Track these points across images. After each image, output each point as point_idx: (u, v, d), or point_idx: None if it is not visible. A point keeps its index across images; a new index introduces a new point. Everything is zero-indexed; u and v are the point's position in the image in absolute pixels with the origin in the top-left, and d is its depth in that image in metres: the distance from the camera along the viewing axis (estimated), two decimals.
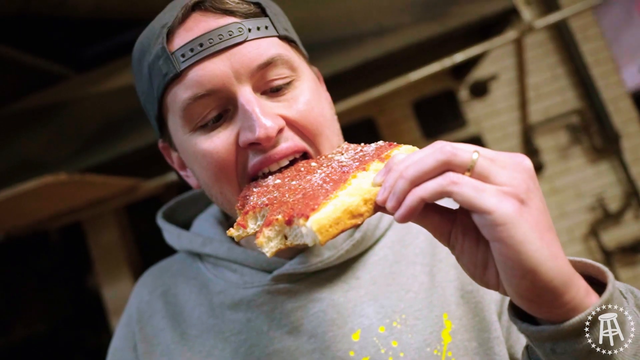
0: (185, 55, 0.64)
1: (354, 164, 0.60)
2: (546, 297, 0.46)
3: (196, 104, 0.64)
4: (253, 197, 0.62)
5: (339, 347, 0.72)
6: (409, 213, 0.47)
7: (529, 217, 0.46)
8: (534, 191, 0.47)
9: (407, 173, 0.48)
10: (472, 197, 0.45)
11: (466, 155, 0.47)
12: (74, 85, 2.59)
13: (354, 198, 0.52)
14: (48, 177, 1.90)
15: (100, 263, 3.34)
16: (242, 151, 0.66)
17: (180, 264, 0.88)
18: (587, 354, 0.48)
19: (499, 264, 0.47)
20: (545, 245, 0.45)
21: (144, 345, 0.80)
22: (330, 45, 2.34)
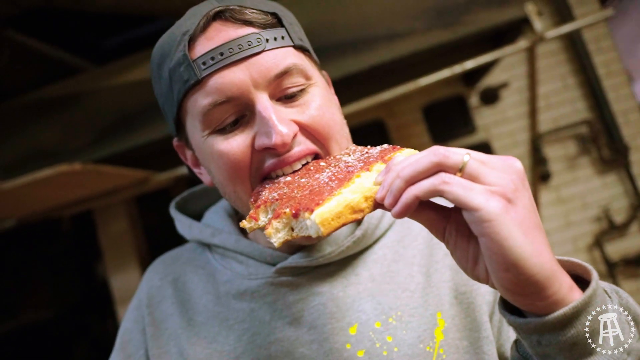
0: (206, 63, 0.67)
1: (359, 165, 0.64)
2: (529, 289, 0.50)
3: (216, 110, 0.68)
4: (265, 192, 0.66)
5: (336, 339, 0.75)
6: (404, 209, 0.51)
7: (515, 215, 0.49)
8: (521, 191, 0.51)
9: (403, 173, 0.52)
10: (461, 195, 0.49)
11: (457, 157, 0.51)
12: (92, 78, 2.64)
13: (355, 195, 0.56)
14: (63, 166, 1.95)
15: (109, 252, 3.41)
16: (257, 153, 0.70)
17: (190, 253, 0.92)
18: (571, 346, 0.51)
19: (486, 258, 0.51)
20: (529, 241, 0.49)
21: (153, 328, 0.85)
22: (344, 48, 2.38)
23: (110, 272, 3.40)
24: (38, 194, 2.28)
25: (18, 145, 2.62)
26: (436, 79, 2.43)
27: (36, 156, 2.57)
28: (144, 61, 2.54)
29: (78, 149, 2.56)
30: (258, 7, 0.72)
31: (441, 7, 2.31)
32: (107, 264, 3.42)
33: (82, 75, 2.69)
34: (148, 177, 2.60)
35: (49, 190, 2.25)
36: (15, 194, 2.11)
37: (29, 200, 2.37)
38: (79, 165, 2.00)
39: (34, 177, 1.97)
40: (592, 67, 3.38)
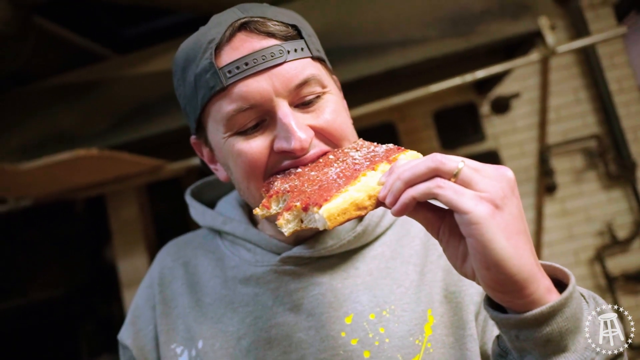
0: (231, 72, 0.73)
1: (365, 163, 0.68)
2: (509, 288, 0.55)
3: (239, 116, 0.74)
4: (277, 183, 0.72)
5: (332, 327, 0.81)
6: (402, 208, 0.57)
7: (501, 220, 0.54)
8: (510, 198, 0.56)
9: (403, 176, 0.57)
10: (452, 199, 0.54)
11: (453, 164, 0.56)
12: (113, 66, 2.72)
13: (360, 193, 0.62)
14: (81, 151, 2.03)
15: (118, 236, 3.49)
16: (274, 155, 0.75)
17: (202, 238, 0.98)
18: (545, 342, 0.57)
19: (472, 256, 0.56)
20: (511, 245, 0.54)
21: (162, 306, 0.91)
22: (358, 51, 2.43)
23: (118, 256, 3.48)
24: (55, 176, 2.35)
25: (38, 127, 2.71)
26: (447, 87, 2.47)
27: (55, 139, 2.65)
28: (163, 53, 2.61)
29: (95, 134, 2.64)
30: (279, 18, 0.77)
31: (456, 16, 2.35)
32: (115, 248, 3.50)
33: (103, 64, 2.77)
34: (161, 166, 2.66)
35: (66, 173, 2.32)
36: (34, 174, 2.19)
37: (45, 182, 2.45)
38: (95, 150, 2.07)
39: (53, 159, 2.04)
40: (604, 82, 3.40)
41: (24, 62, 2.39)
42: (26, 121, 2.72)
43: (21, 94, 2.77)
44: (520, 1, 2.31)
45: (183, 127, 2.51)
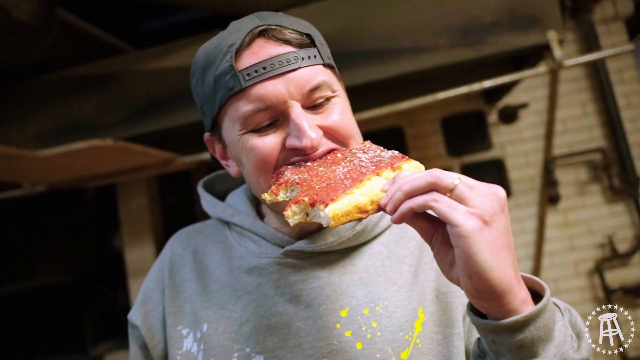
0: (250, 75, 0.79)
1: (371, 167, 0.73)
2: (488, 296, 0.61)
3: (255, 115, 0.80)
4: (287, 173, 0.78)
5: (328, 318, 0.86)
6: (400, 217, 0.63)
7: (487, 235, 0.59)
8: (498, 216, 0.61)
9: (404, 187, 0.63)
10: (445, 212, 0.60)
11: (449, 180, 0.61)
12: (130, 60, 2.79)
13: (364, 197, 0.66)
14: (97, 141, 2.10)
15: (127, 226, 3.56)
16: (284, 151, 0.81)
17: (211, 228, 1.04)
18: (518, 347, 0.62)
19: (457, 265, 0.62)
20: (494, 258, 0.59)
21: (171, 290, 0.97)
22: (369, 56, 2.49)
23: (126, 244, 3.55)
24: (70, 164, 2.43)
25: (55, 116, 2.78)
26: (454, 94, 2.52)
27: (71, 128, 2.73)
28: (178, 49, 2.67)
29: (110, 125, 2.71)
30: (294, 27, 0.83)
31: (466, 26, 2.40)
32: (123, 237, 3.58)
33: (120, 57, 2.84)
34: (172, 159, 2.73)
35: (81, 161, 2.39)
36: (50, 161, 2.26)
37: (61, 169, 2.52)
38: (111, 141, 2.14)
39: (70, 148, 2.12)
40: (612, 97, 3.43)
41: (44, 52, 2.46)
42: (44, 109, 2.80)
43: (40, 82, 2.84)
44: (529, 14, 2.36)
45: (195, 122, 2.58)
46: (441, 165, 3.59)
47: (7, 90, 2.86)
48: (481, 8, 2.39)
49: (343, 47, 2.46)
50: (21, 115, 2.81)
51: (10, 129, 2.78)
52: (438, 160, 3.69)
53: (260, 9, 2.47)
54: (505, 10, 2.38)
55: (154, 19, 3.54)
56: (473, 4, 2.40)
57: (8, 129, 2.79)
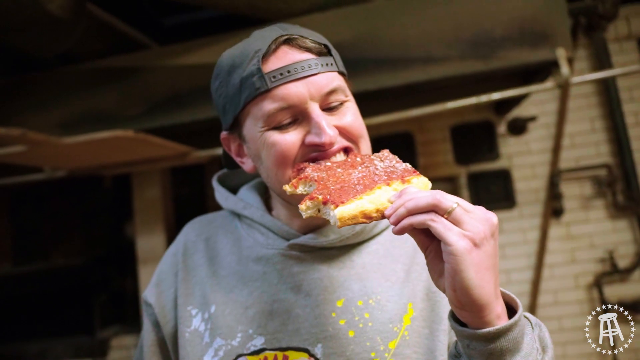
0: (275, 77, 0.87)
1: (383, 177, 0.79)
2: (467, 308, 0.69)
3: (278, 114, 0.88)
4: (309, 170, 0.85)
5: (325, 307, 0.94)
6: (400, 230, 0.70)
7: (475, 256, 0.67)
8: (488, 240, 0.69)
9: (407, 204, 0.70)
10: (441, 232, 0.67)
11: (448, 204, 0.67)
12: (152, 55, 2.89)
13: (371, 205, 0.73)
14: (119, 131, 2.20)
15: (140, 215, 3.65)
16: (303, 148, 0.90)
17: (223, 219, 1.12)
18: (489, 355, 0.71)
19: (445, 277, 0.70)
20: (478, 277, 0.67)
21: (184, 273, 1.05)
22: (383, 64, 2.57)
23: (138, 232, 3.64)
24: (91, 152, 2.53)
25: (78, 105, 2.89)
26: (463, 105, 2.58)
27: (93, 118, 2.83)
28: (198, 48, 2.77)
29: (130, 117, 2.81)
30: (313, 38, 0.93)
31: (477, 40, 2.47)
32: (136, 225, 3.66)
33: (143, 52, 2.95)
34: (188, 152, 2.82)
35: (101, 150, 2.49)
36: (73, 148, 2.37)
37: (82, 156, 2.62)
38: (132, 132, 2.24)
39: (93, 137, 2.22)
40: (621, 114, 3.47)
41: (72, 44, 2.57)
42: (68, 99, 2.91)
43: (66, 73, 2.96)
44: (540, 31, 2.42)
45: (210, 118, 2.67)
46: (448, 173, 3.67)
47: (35, 78, 2.98)
48: (493, 23, 2.46)
49: (358, 54, 2.54)
50: (47, 103, 2.92)
51: (36, 115, 2.90)
52: (446, 167, 3.75)
53: (280, 13, 2.59)
54: (517, 26, 2.45)
55: (176, 14, 3.64)
56: (485, 19, 2.47)
57: (34, 115, 2.90)
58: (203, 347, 0.96)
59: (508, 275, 3.55)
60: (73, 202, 4.27)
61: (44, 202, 4.31)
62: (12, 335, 4.25)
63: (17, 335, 4.24)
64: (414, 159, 3.78)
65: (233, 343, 0.94)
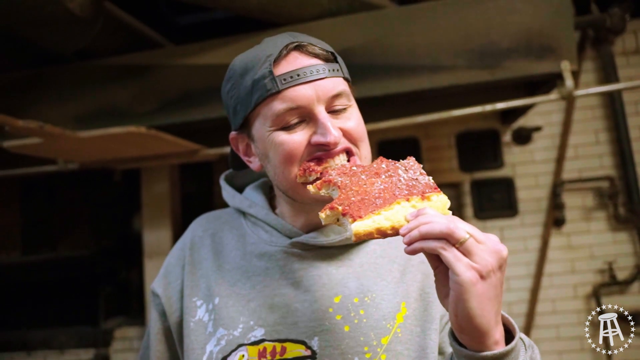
0: (285, 80, 0.92)
1: (404, 191, 0.80)
2: (467, 333, 0.74)
3: (286, 114, 0.93)
4: (333, 173, 0.89)
5: (323, 303, 0.98)
6: (412, 251, 0.74)
7: (481, 287, 0.70)
8: (495, 272, 0.71)
9: (421, 229, 0.70)
10: (451, 261, 0.71)
11: (461, 234, 0.69)
12: (166, 54, 2.96)
13: (387, 222, 0.74)
14: (132, 127, 2.27)
15: (148, 209, 3.70)
16: (309, 147, 0.94)
17: (229, 216, 1.17)
18: None
19: (449, 301, 0.74)
20: (480, 307, 0.71)
21: (190, 266, 1.10)
22: (391, 70, 2.62)
23: (145, 226, 3.68)
24: (104, 146, 2.59)
25: (93, 100, 2.96)
26: (467, 113, 2.63)
27: (106, 113, 2.90)
28: (211, 49, 2.83)
29: (142, 113, 2.87)
30: (321, 45, 0.98)
31: (484, 50, 2.51)
32: (143, 219, 3.71)
33: (158, 50, 3.01)
34: (198, 150, 2.88)
35: (114, 144, 2.55)
36: (87, 142, 2.43)
37: (95, 150, 2.69)
38: (144, 129, 2.31)
39: (107, 131, 2.29)
40: (625, 128, 3.49)
41: (90, 41, 2.64)
42: (83, 93, 2.97)
43: (82, 68, 3.02)
44: (546, 44, 2.46)
45: (221, 117, 2.71)
46: (452, 180, 3.71)
47: (52, 72, 3.05)
48: (500, 34, 2.51)
49: (367, 60, 2.60)
50: (62, 96, 2.99)
51: (51, 108, 2.97)
52: (450, 173, 3.79)
53: (292, 18, 2.66)
54: (523, 38, 2.50)
55: (191, 14, 3.72)
56: (493, 30, 2.52)
57: (50, 107, 2.97)
58: (206, 336, 1.01)
59: (508, 282, 3.58)
60: (83, 194, 4.33)
61: (54, 193, 4.36)
62: (18, 323, 4.31)
63: (23, 322, 4.30)
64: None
65: (235, 333, 0.98)
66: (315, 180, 0.91)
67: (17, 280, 4.37)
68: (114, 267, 4.18)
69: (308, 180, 0.93)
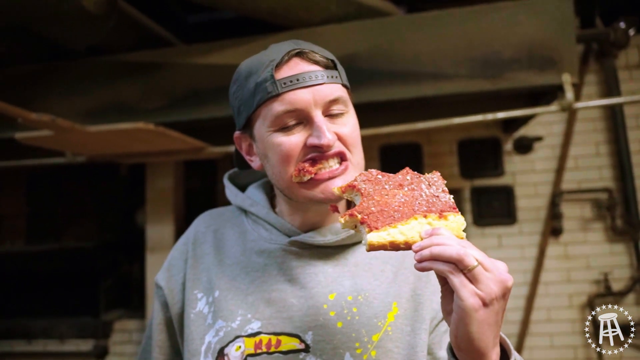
0: (286, 84, 0.97)
1: (423, 207, 0.81)
2: (465, 352, 0.77)
3: (285, 115, 0.97)
4: (359, 179, 0.87)
5: (318, 299, 1.02)
6: (421, 269, 0.77)
7: (483, 314, 0.71)
8: (499, 301, 0.72)
9: (433, 250, 0.73)
10: (457, 286, 0.73)
11: (470, 261, 0.71)
12: (176, 53, 3.01)
13: (401, 236, 0.76)
14: (140, 124, 2.31)
15: (151, 204, 3.74)
16: (304, 149, 0.98)
17: (231, 213, 1.21)
18: None
19: (452, 320, 0.78)
20: (480, 332, 0.74)
21: (193, 260, 1.15)
22: (395, 76, 2.67)
23: (148, 221, 3.73)
24: (112, 141, 2.64)
25: (102, 95, 3.01)
26: (469, 121, 2.67)
27: (115, 109, 2.95)
28: (220, 49, 2.88)
29: (150, 110, 2.92)
30: (322, 53, 1.03)
31: (487, 60, 2.56)
32: (147, 214, 3.75)
33: (168, 49, 3.06)
34: (203, 148, 2.92)
35: (122, 139, 2.60)
36: (96, 136, 2.48)
37: (103, 144, 2.73)
38: (152, 125, 2.36)
39: (116, 127, 2.34)
40: (625, 141, 3.52)
41: (102, 38, 2.70)
42: (93, 88, 3.03)
43: (93, 63, 3.08)
44: (548, 56, 2.51)
45: (227, 116, 2.75)
46: (453, 186, 3.76)
47: (63, 66, 3.11)
48: (503, 45, 2.55)
49: (372, 65, 2.64)
50: (72, 91, 3.04)
51: (61, 102, 3.02)
52: (451, 180, 3.82)
53: (300, 21, 2.72)
54: (526, 50, 2.54)
55: (200, 13, 3.77)
56: (496, 40, 2.56)
57: (60, 101, 3.03)
58: (206, 327, 1.05)
59: None
60: (88, 187, 4.36)
61: (60, 185, 4.40)
62: (19, 311, 4.34)
63: (24, 311, 4.33)
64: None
65: (233, 325, 1.02)
66: (309, 181, 0.96)
67: (20, 269, 4.40)
68: (116, 260, 4.20)
69: (302, 180, 0.97)
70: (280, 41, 1.09)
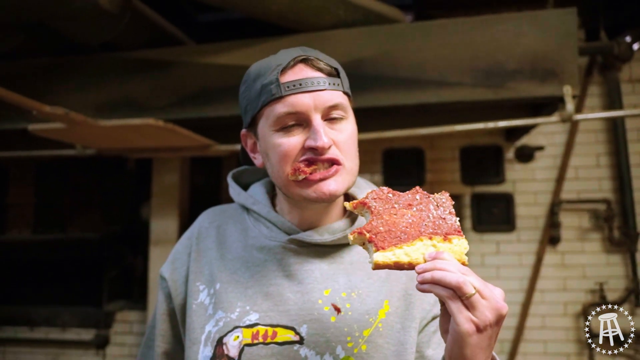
0: (289, 87, 1.02)
1: (429, 229, 0.84)
2: None
3: (286, 117, 1.02)
4: (370, 196, 0.90)
5: (313, 294, 1.06)
6: (421, 290, 0.82)
7: (476, 339, 0.75)
8: (493, 327, 0.76)
9: (435, 275, 0.76)
10: (453, 312, 0.75)
11: (468, 289, 0.75)
12: (187, 51, 3.07)
13: (406, 257, 0.80)
14: (150, 120, 2.37)
15: (157, 198, 3.80)
16: (302, 150, 1.03)
17: (234, 210, 1.26)
18: None
19: (447, 340, 0.83)
20: (473, 355, 0.79)
21: (196, 254, 1.20)
22: (399, 82, 2.72)
23: (153, 215, 3.79)
24: (122, 135, 2.70)
25: (113, 91, 3.08)
26: (470, 129, 2.72)
27: (125, 104, 3.01)
28: (229, 50, 2.94)
29: (160, 107, 2.98)
30: (327, 61, 1.08)
31: (490, 70, 2.60)
32: (152, 208, 3.81)
33: (179, 47, 3.13)
34: (210, 145, 2.98)
35: (131, 134, 2.66)
36: (107, 130, 2.54)
37: (113, 138, 2.79)
38: (162, 122, 2.41)
39: (127, 122, 2.40)
40: (626, 154, 3.56)
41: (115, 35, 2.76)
42: (104, 84, 3.09)
43: (105, 59, 3.15)
44: (550, 68, 2.55)
45: (234, 115, 2.81)
46: (454, 192, 3.80)
47: (76, 61, 3.17)
48: (506, 56, 2.60)
49: (377, 71, 2.69)
50: (84, 86, 3.11)
51: (73, 96, 3.09)
52: (452, 185, 3.87)
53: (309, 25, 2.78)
54: (529, 61, 2.58)
55: (211, 12, 3.82)
56: (500, 51, 2.61)
57: (71, 95, 3.09)
58: (206, 318, 1.10)
59: None
60: (96, 179, 4.42)
61: (68, 176, 4.45)
62: (23, 299, 4.41)
63: (28, 299, 4.40)
64: (423, 175, 3.90)
65: (232, 316, 1.07)
66: (303, 180, 1.02)
67: (26, 258, 4.47)
68: (120, 252, 4.25)
69: (297, 178, 1.02)
70: (288, 44, 1.15)
